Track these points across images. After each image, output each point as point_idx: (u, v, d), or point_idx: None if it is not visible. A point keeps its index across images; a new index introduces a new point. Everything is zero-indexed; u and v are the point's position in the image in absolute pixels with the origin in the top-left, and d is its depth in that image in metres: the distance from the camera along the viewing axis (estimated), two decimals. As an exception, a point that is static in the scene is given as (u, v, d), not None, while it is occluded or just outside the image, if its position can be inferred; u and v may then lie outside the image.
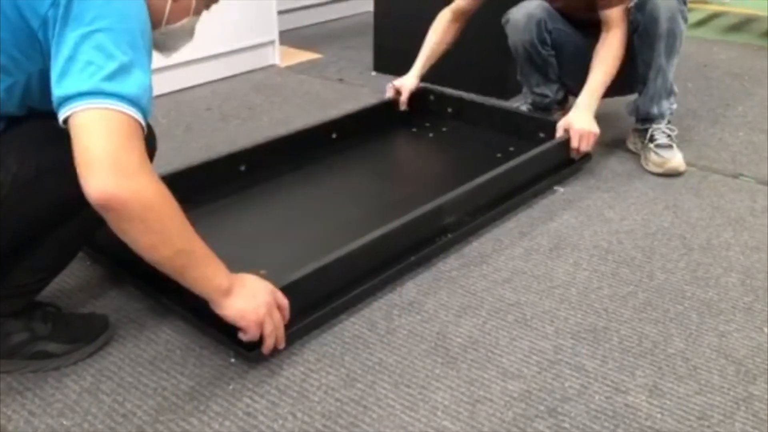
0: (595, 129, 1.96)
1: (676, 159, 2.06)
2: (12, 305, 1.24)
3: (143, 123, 1.00)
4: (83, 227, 1.22)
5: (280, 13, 3.14)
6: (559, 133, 1.98)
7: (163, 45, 1.22)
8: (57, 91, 0.96)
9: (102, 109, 0.94)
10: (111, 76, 0.94)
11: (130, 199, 0.96)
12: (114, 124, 0.94)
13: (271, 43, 3.07)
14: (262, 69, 3.02)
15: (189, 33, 1.26)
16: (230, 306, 1.15)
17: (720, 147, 2.28)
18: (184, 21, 1.21)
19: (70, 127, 0.95)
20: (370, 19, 3.11)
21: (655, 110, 2.08)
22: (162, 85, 2.65)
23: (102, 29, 0.95)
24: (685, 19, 1.99)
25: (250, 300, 1.16)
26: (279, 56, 3.10)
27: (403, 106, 2.25)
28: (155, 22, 1.15)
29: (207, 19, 3.09)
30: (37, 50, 1.01)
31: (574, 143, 1.95)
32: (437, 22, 2.25)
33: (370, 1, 3.13)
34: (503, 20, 2.19)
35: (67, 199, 1.09)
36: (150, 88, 1.02)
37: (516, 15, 2.12)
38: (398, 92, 2.27)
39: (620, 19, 1.99)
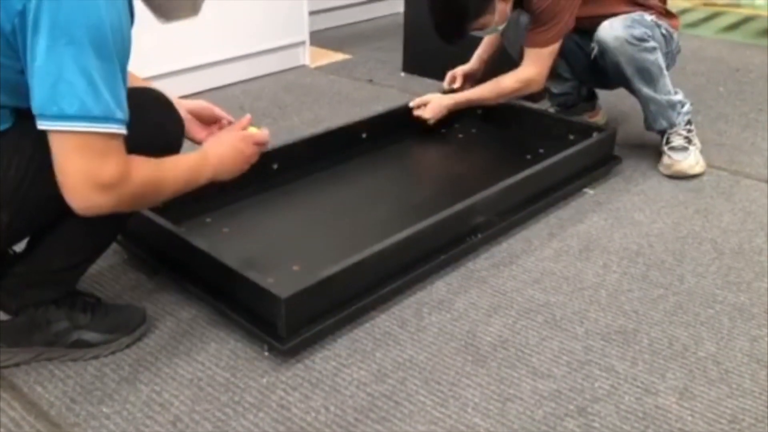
0: (428, 113, 2.12)
1: (685, 162, 2.04)
2: (50, 292, 1.28)
3: (118, 130, 1.03)
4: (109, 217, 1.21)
5: (311, 14, 3.17)
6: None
7: (159, 9, 1.19)
8: (33, 102, 1.00)
9: (71, 132, 0.99)
10: (80, 95, 0.98)
11: (114, 205, 1.07)
12: (85, 146, 1.00)
13: (302, 43, 3.10)
14: (293, 69, 3.06)
15: (191, 7, 1.21)
16: (218, 177, 1.30)
17: (752, 151, 2.26)
18: None
19: (49, 142, 1.02)
20: (400, 21, 3.13)
21: (663, 123, 2.06)
22: (195, 84, 2.69)
23: (72, 40, 0.96)
24: (651, 48, 1.95)
25: (229, 167, 1.32)
26: (309, 57, 3.13)
27: (455, 85, 2.32)
28: None
29: (238, 19, 3.13)
30: (13, 55, 1.01)
31: (417, 106, 2.14)
32: None
33: (400, 3, 3.15)
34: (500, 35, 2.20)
35: None
36: (122, 88, 1.04)
37: (506, 29, 2.10)
38: (453, 79, 2.32)
39: (528, 59, 1.98)
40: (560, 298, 1.51)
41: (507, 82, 2.04)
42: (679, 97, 2.06)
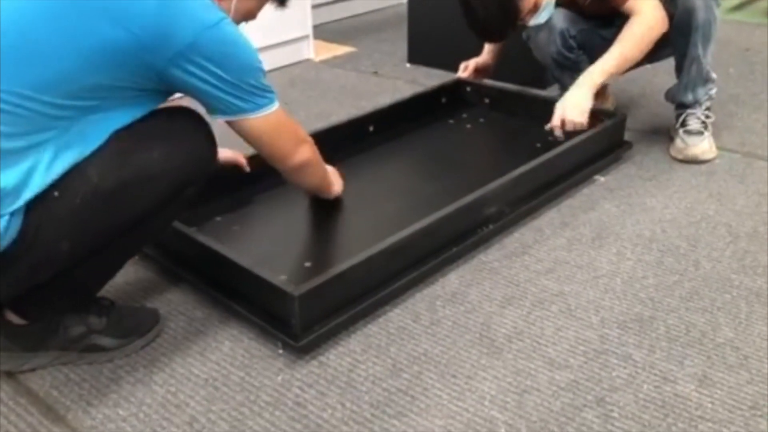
0: (573, 115, 1.82)
1: (698, 147, 2.01)
2: (73, 303, 1.28)
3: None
4: (150, 234, 1.28)
5: (314, 7, 3.16)
6: (556, 113, 1.86)
7: None
8: (228, 110, 1.22)
9: (271, 114, 1.27)
10: (265, 90, 1.24)
11: (311, 157, 1.46)
12: (275, 122, 1.29)
13: (306, 37, 3.08)
14: (297, 63, 3.04)
15: None
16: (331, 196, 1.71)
17: (764, 132, 2.23)
18: None
19: (244, 127, 1.26)
20: (404, 11, 3.11)
21: (690, 97, 2.04)
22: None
23: (232, 66, 1.17)
24: (718, 4, 1.95)
25: (336, 190, 1.72)
26: (313, 50, 3.11)
27: (464, 74, 2.35)
28: None
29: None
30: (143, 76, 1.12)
31: (554, 121, 1.85)
32: None
33: (404, -7, 3.12)
34: (524, 36, 2.17)
35: (143, 213, 1.17)
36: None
37: (536, 31, 2.08)
38: (466, 69, 2.36)
39: (639, 6, 1.90)
40: (574, 287, 1.50)
41: (634, 34, 1.86)
42: (714, 76, 2.04)
